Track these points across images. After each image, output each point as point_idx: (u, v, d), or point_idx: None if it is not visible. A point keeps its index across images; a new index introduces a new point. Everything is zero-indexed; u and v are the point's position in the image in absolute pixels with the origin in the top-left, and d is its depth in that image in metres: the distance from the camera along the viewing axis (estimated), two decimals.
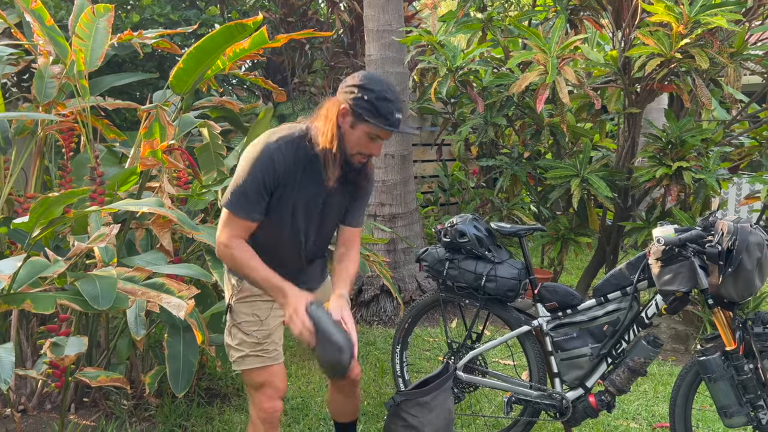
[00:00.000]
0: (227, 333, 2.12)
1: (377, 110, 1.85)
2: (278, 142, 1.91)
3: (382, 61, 4.49)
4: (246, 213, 1.91)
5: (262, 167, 1.88)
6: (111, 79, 3.78)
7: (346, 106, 1.88)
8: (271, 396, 2.08)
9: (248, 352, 2.06)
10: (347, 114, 1.89)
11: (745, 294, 2.16)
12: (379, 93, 1.85)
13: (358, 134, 1.90)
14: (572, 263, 6.43)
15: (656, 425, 3.06)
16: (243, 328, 2.07)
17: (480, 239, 2.71)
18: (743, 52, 3.67)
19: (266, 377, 2.08)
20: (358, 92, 1.86)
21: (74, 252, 2.32)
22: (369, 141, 1.91)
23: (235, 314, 2.09)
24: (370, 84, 1.87)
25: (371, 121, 1.85)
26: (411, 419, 2.35)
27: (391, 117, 1.86)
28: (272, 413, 2.08)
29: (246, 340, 2.06)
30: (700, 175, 3.67)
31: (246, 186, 1.89)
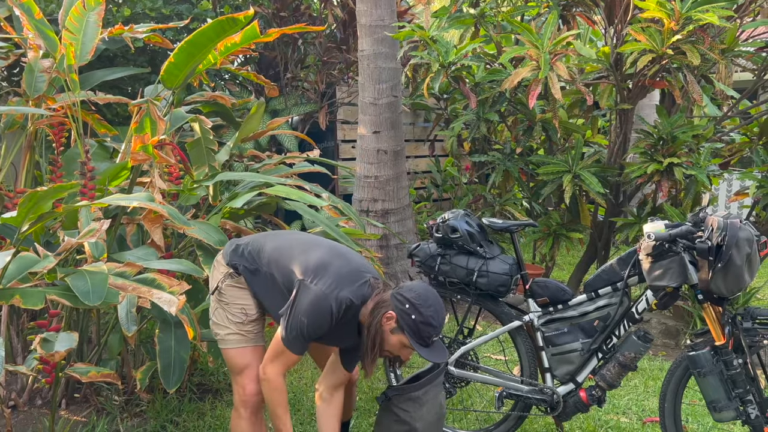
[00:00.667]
0: (212, 311, 2.22)
1: (419, 332, 1.97)
2: (341, 305, 2.00)
3: (374, 57, 4.48)
4: (300, 351, 2.06)
5: (321, 322, 1.99)
6: (102, 73, 3.75)
7: (393, 314, 1.99)
8: (253, 378, 2.14)
9: (234, 330, 2.16)
10: (392, 320, 2.00)
11: (735, 289, 2.18)
12: (426, 318, 1.96)
13: (395, 340, 2.02)
14: (564, 259, 6.46)
15: (646, 420, 3.08)
16: (229, 310, 2.17)
17: (472, 235, 2.71)
18: (734, 49, 3.68)
19: (250, 359, 2.16)
20: (409, 309, 1.97)
21: (64, 247, 2.30)
22: (402, 348, 2.04)
23: (225, 296, 2.18)
24: (421, 306, 1.97)
25: (411, 339, 1.98)
26: (402, 414, 2.35)
27: (428, 341, 1.98)
28: (255, 395, 2.15)
29: (231, 319, 2.17)
30: (691, 171, 3.68)
31: (307, 332, 2.00)
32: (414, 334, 1.96)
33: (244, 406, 2.16)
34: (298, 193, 2.76)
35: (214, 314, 2.21)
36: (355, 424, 2.94)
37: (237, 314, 2.17)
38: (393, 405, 2.38)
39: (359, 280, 2.05)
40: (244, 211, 3.11)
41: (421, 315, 1.95)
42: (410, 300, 1.97)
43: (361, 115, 4.61)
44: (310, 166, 3.41)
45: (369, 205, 4.63)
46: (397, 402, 2.37)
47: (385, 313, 1.99)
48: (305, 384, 3.41)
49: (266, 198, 3.05)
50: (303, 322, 1.98)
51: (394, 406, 2.38)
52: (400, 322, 1.97)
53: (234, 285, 2.18)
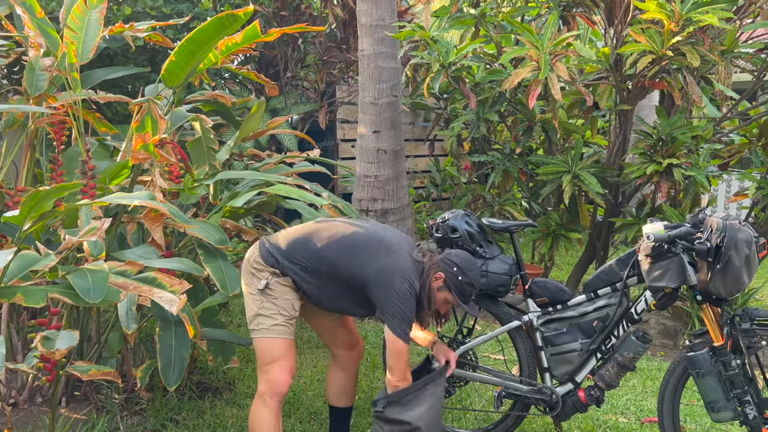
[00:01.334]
0: (258, 307, 2.30)
1: (463, 291, 2.32)
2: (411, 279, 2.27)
3: (375, 56, 4.48)
4: (408, 338, 2.32)
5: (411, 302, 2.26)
6: (102, 72, 3.75)
7: (442, 275, 2.31)
8: (285, 369, 2.27)
9: (281, 321, 2.28)
10: (440, 279, 2.32)
11: (734, 290, 2.19)
12: (470, 279, 2.32)
13: (441, 297, 2.34)
14: (562, 259, 6.47)
15: (645, 420, 3.09)
16: (279, 303, 2.29)
17: (471, 235, 2.72)
18: (734, 50, 3.69)
19: (285, 350, 2.29)
20: (456, 271, 2.31)
21: (65, 246, 2.30)
22: (444, 304, 2.36)
23: (273, 290, 2.30)
24: (467, 269, 2.33)
25: (456, 296, 2.32)
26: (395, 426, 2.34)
27: (468, 298, 2.34)
28: (284, 386, 2.26)
29: (281, 313, 2.29)
30: (690, 172, 3.69)
31: (410, 317, 2.27)
32: (459, 292, 2.31)
33: (271, 394, 2.25)
34: (298, 192, 2.77)
35: (261, 307, 2.29)
36: (354, 423, 2.95)
37: (287, 308, 2.29)
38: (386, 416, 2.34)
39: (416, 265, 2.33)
40: (245, 210, 3.11)
41: (466, 276, 2.30)
42: (457, 264, 2.32)
43: (361, 115, 4.61)
44: (310, 166, 3.42)
45: (369, 204, 4.64)
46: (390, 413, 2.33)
47: (434, 274, 2.30)
48: (304, 383, 3.42)
49: (266, 197, 3.06)
50: (404, 310, 2.23)
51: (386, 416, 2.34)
52: (447, 282, 2.30)
53: (282, 283, 2.30)
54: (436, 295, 2.32)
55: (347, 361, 2.57)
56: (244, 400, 3.14)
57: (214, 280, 2.57)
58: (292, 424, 2.93)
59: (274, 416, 2.24)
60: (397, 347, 2.25)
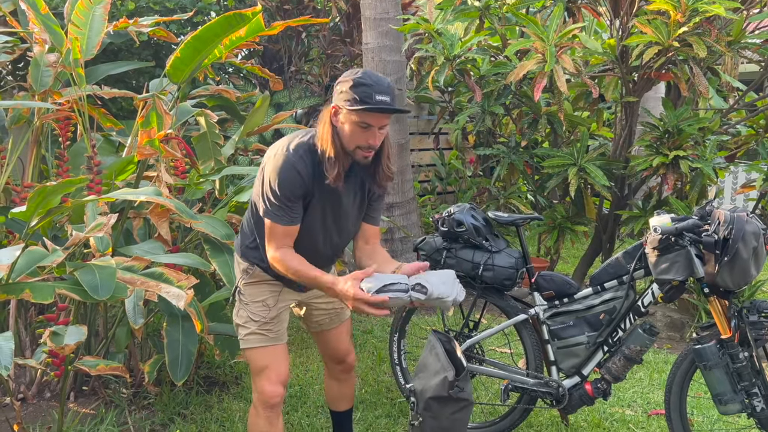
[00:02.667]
0: (235, 313, 2.18)
1: (356, 98, 1.86)
2: (297, 151, 1.95)
3: (379, 50, 4.47)
4: (288, 220, 1.98)
5: (289, 179, 1.94)
6: (107, 67, 3.76)
7: (335, 105, 1.93)
8: (272, 380, 2.11)
9: (254, 329, 2.12)
10: (337, 112, 1.93)
11: (741, 283, 2.18)
12: (356, 81, 1.87)
13: (349, 128, 1.91)
14: (568, 252, 6.46)
15: (651, 412, 3.09)
16: (250, 308, 2.13)
17: (477, 228, 2.72)
18: (741, 41, 3.66)
19: (269, 360, 2.12)
20: (340, 87, 1.91)
21: (72, 241, 2.31)
22: (362, 131, 1.91)
23: (244, 296, 2.15)
24: (349, 76, 1.90)
25: (353, 109, 1.86)
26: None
27: (370, 100, 1.85)
28: (272, 397, 2.11)
29: (252, 318, 2.12)
30: (697, 164, 3.67)
31: (281, 196, 1.95)
32: (354, 102, 1.85)
33: (262, 406, 2.13)
34: None
35: (237, 315, 2.17)
36: (362, 417, 2.96)
37: (258, 312, 2.12)
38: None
39: (310, 131, 2.03)
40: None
41: (351, 83, 1.87)
42: (340, 81, 1.92)
43: None
44: None
45: None
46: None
47: (329, 114, 1.93)
48: (311, 377, 3.43)
49: None
50: (274, 189, 1.93)
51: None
52: (340, 105, 1.89)
53: (250, 282, 2.14)
54: (343, 133, 1.91)
55: (337, 373, 2.44)
56: (251, 394, 3.14)
57: (221, 275, 2.58)
58: (299, 418, 2.94)
59: (269, 424, 2.14)
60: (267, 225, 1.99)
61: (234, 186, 3.33)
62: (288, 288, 2.17)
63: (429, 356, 2.39)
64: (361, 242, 2.20)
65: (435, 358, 2.34)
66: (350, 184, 2.05)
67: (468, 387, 2.23)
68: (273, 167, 1.95)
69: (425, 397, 2.26)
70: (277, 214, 1.97)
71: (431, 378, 2.28)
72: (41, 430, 2.71)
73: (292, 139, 2.00)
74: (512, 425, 2.76)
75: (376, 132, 1.92)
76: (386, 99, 1.87)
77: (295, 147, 1.96)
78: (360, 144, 1.93)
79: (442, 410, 2.23)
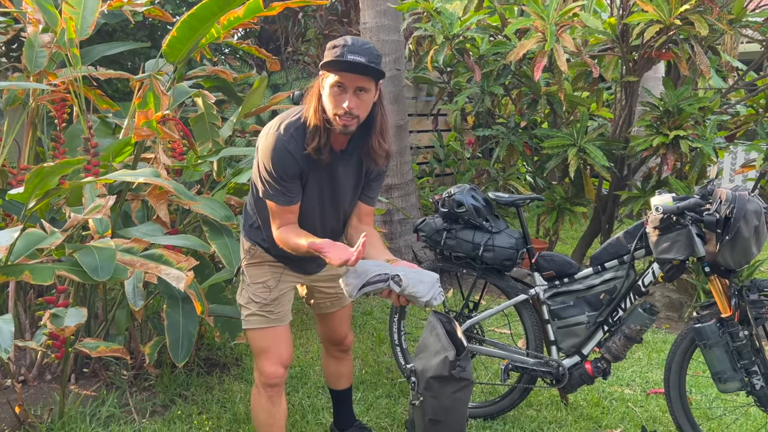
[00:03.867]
0: (239, 293, 2.19)
1: (329, 58, 1.82)
2: (288, 130, 1.92)
3: (377, 29, 4.42)
4: (287, 200, 1.96)
5: (281, 159, 1.91)
6: (102, 48, 3.71)
7: (319, 75, 1.90)
8: (272, 361, 2.12)
9: (254, 311, 2.12)
10: (320, 80, 1.89)
11: (742, 261, 2.18)
12: (334, 43, 1.84)
13: (327, 93, 1.86)
14: (567, 233, 6.47)
15: (650, 391, 3.11)
16: (252, 290, 2.13)
17: (478, 209, 2.71)
18: (742, 19, 3.63)
19: (270, 342, 2.13)
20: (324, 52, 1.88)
21: (71, 223, 2.30)
22: (338, 94, 1.84)
23: (246, 276, 2.16)
24: (329, 43, 1.88)
25: (325, 69, 1.83)
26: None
27: (341, 58, 1.79)
28: (272, 378, 2.12)
29: (254, 300, 2.13)
30: (697, 143, 3.66)
31: (276, 177, 1.92)
32: (326, 64, 1.82)
33: (263, 385, 2.15)
34: None
35: (240, 295, 2.18)
36: (362, 397, 2.97)
37: (259, 293, 2.12)
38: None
39: (299, 109, 1.98)
40: (249, 186, 3.10)
41: (330, 45, 1.85)
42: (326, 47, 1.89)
43: None
44: None
45: None
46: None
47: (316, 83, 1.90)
48: (311, 358, 3.44)
49: None
50: (269, 170, 1.92)
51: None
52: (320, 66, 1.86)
53: (252, 263, 2.15)
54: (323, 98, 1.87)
55: (334, 352, 2.47)
56: (252, 375, 3.15)
57: (220, 256, 2.57)
58: (300, 399, 2.96)
59: (271, 403, 2.16)
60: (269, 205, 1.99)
61: (232, 168, 3.31)
62: (290, 270, 2.17)
63: (429, 336, 2.39)
64: (354, 220, 2.17)
65: (435, 339, 2.34)
66: (347, 163, 2.01)
67: (469, 366, 2.23)
68: (264, 148, 1.94)
69: (426, 376, 2.26)
70: (275, 195, 1.96)
71: (432, 358, 2.29)
72: (43, 411, 2.72)
73: (282, 119, 1.96)
74: (512, 404, 2.78)
75: (351, 95, 1.84)
76: (360, 59, 1.79)
77: (285, 126, 1.93)
78: (336, 111, 1.85)
79: (442, 390, 2.23)
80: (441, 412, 2.25)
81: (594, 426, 2.76)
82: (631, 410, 2.91)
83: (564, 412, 2.88)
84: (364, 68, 1.81)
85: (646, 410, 2.92)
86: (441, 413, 2.25)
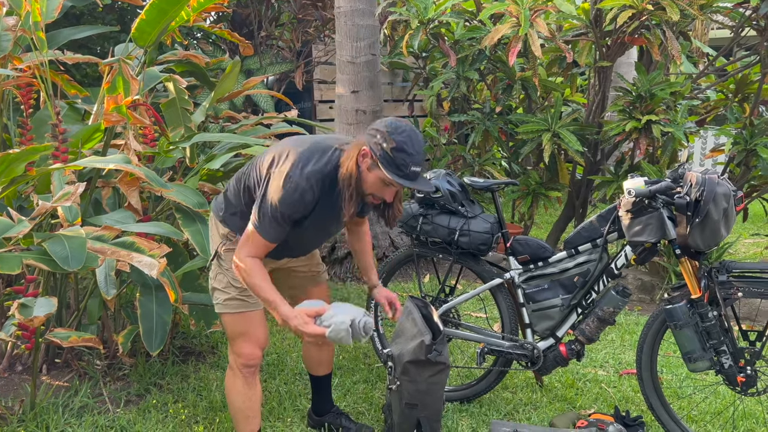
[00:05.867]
0: (213, 278, 2.18)
1: (393, 161, 1.88)
2: (310, 179, 1.94)
3: (351, 14, 4.38)
4: (274, 238, 1.99)
5: (294, 204, 1.94)
6: (69, 32, 3.62)
7: (367, 149, 1.93)
8: (251, 343, 2.16)
9: (234, 295, 2.13)
10: (367, 156, 1.94)
11: (711, 243, 2.21)
12: (399, 144, 1.88)
13: (373, 178, 1.95)
14: (542, 217, 6.53)
15: (623, 372, 3.17)
16: (230, 274, 2.12)
17: (453, 194, 2.71)
18: (713, 5, 3.67)
19: (248, 325, 2.16)
20: (380, 138, 1.90)
21: (39, 212, 2.25)
22: (383, 186, 1.96)
23: (224, 261, 2.14)
24: (393, 133, 1.89)
25: (385, 169, 1.90)
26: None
27: (405, 169, 1.89)
28: (251, 359, 2.16)
29: (233, 284, 2.13)
30: (669, 128, 3.71)
31: (279, 215, 1.95)
32: (388, 163, 1.88)
33: (240, 367, 2.16)
34: None
35: (215, 279, 2.16)
36: (340, 383, 2.98)
37: (237, 279, 2.10)
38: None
39: (327, 150, 2.00)
40: (222, 173, 3.06)
41: (393, 142, 1.88)
42: (380, 130, 1.91)
43: (338, 74, 4.53)
44: (287, 127, 3.36)
45: None
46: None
47: (359, 152, 1.94)
48: (288, 344, 3.44)
49: (244, 159, 3.00)
50: (275, 207, 1.93)
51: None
52: (373, 155, 1.91)
53: (230, 248, 2.12)
54: (366, 178, 1.95)
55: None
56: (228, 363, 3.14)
57: (194, 244, 2.54)
58: (277, 386, 2.95)
59: (247, 385, 2.17)
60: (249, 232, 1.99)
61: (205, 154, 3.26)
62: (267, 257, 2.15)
63: (406, 321, 2.40)
64: (352, 226, 2.39)
65: (412, 323, 2.35)
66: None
67: (445, 350, 2.25)
68: (280, 186, 1.93)
69: (403, 361, 2.27)
70: (266, 229, 1.97)
71: (408, 342, 2.30)
72: (14, 403, 2.67)
73: (307, 161, 1.96)
74: (488, 387, 2.81)
75: (394, 191, 2.00)
76: (418, 170, 1.92)
77: (308, 174, 1.94)
78: (375, 194, 1.99)
79: (419, 374, 2.25)
80: (417, 396, 2.26)
81: (568, 407, 2.81)
82: (604, 391, 2.96)
83: (539, 393, 2.92)
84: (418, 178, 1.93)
85: (619, 391, 2.97)
86: (418, 397, 2.26)
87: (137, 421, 2.61)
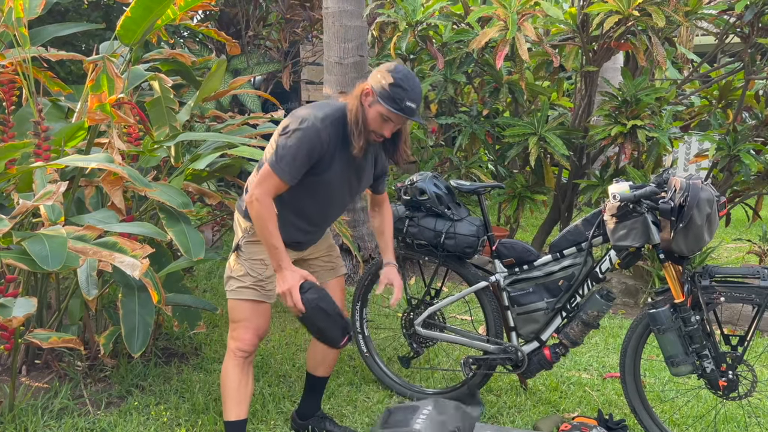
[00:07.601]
0: (229, 267, 2.28)
1: (390, 95, 2.07)
2: (325, 121, 2.10)
3: (339, 15, 4.37)
4: (289, 177, 2.10)
5: (310, 142, 2.08)
6: (53, 28, 3.57)
7: (368, 88, 2.11)
8: (251, 331, 2.24)
9: (249, 284, 2.23)
10: (369, 94, 2.12)
11: (695, 248, 2.23)
12: (396, 81, 2.07)
13: (373, 114, 2.11)
14: (527, 221, 6.55)
15: (607, 375, 3.18)
16: (249, 264, 2.23)
17: (440, 197, 2.71)
18: (698, 11, 3.71)
19: (254, 314, 2.24)
20: (381, 76, 2.10)
21: (19, 210, 2.21)
22: (382, 122, 2.12)
23: (243, 252, 2.25)
24: (393, 72, 2.09)
25: (383, 103, 2.07)
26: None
27: (401, 103, 2.07)
28: (248, 345, 2.23)
29: (250, 274, 2.23)
30: (654, 133, 3.74)
31: (295, 154, 2.07)
32: (386, 98, 2.07)
33: (236, 350, 2.23)
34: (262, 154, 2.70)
35: (232, 269, 2.26)
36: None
37: (256, 268, 2.23)
38: None
39: (337, 103, 2.19)
40: (207, 173, 3.04)
41: (391, 78, 2.07)
42: (380, 70, 2.11)
43: (326, 75, 4.52)
44: (274, 127, 3.32)
45: None
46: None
47: (362, 91, 2.12)
48: (272, 347, 3.41)
49: (230, 159, 2.98)
50: (293, 144, 2.06)
51: None
52: (373, 92, 2.09)
53: (251, 240, 2.23)
54: (368, 114, 2.11)
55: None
56: (212, 365, 3.12)
57: (177, 244, 2.51)
58: (260, 387, 2.93)
59: (241, 371, 2.23)
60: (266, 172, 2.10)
61: (190, 153, 3.23)
62: (287, 248, 2.21)
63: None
64: (374, 207, 2.54)
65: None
66: (365, 158, 2.24)
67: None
68: (299, 127, 2.08)
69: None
70: (283, 168, 2.07)
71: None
72: None
73: (323, 109, 2.13)
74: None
75: (392, 126, 2.14)
76: (413, 106, 2.10)
77: (323, 117, 2.10)
78: (375, 130, 2.14)
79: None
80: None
81: (552, 410, 2.81)
82: (588, 394, 2.98)
83: (523, 396, 2.92)
84: (413, 114, 2.10)
85: (603, 394, 2.99)
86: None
87: (118, 423, 2.58)
